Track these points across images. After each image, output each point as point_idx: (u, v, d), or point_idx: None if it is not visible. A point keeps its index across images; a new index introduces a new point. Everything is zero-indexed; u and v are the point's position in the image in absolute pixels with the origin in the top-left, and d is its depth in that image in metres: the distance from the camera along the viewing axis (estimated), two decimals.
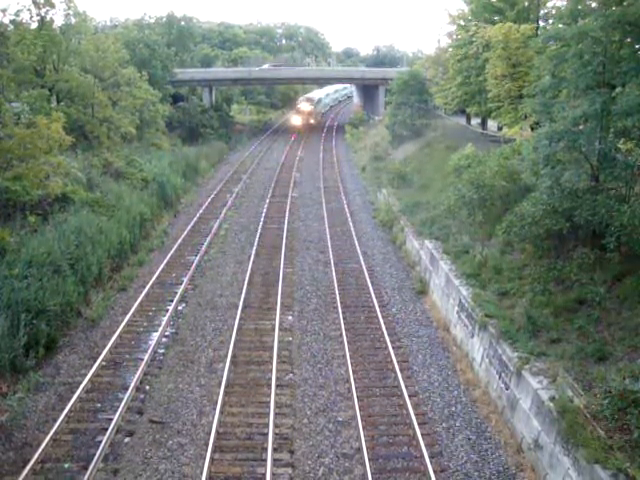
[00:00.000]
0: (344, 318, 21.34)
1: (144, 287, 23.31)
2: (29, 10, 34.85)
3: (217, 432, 14.72)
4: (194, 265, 25.99)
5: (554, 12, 34.04)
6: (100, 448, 13.76)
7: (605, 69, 17.32)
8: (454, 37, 45.38)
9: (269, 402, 15.93)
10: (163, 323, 20.38)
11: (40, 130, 23.55)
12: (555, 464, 12.77)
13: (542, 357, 15.05)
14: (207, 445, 14.13)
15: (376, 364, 18.52)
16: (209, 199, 38.34)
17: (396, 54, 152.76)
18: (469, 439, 14.97)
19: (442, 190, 28.77)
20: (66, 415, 14.97)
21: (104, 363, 17.85)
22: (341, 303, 22.59)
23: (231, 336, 19.62)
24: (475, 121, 49.90)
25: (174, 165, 41.48)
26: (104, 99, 36.83)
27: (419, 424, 15.09)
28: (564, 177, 17.56)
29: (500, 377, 16.10)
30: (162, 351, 18.98)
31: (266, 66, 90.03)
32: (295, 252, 28.87)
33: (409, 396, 16.35)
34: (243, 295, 22.93)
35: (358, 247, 29.28)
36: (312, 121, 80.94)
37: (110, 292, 22.98)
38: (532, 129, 29.21)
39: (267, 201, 38.47)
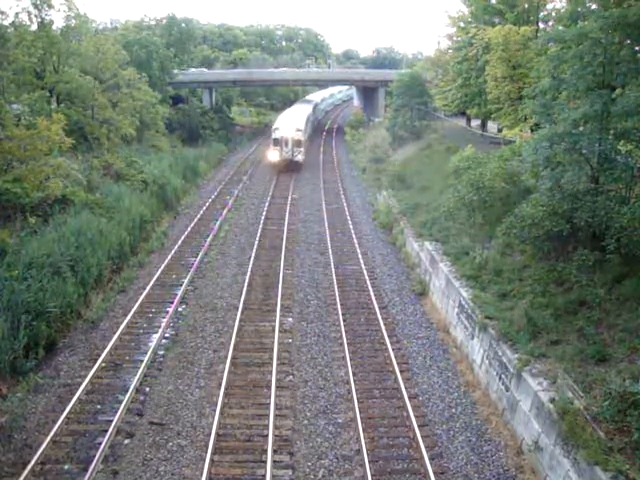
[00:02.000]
0: (344, 320, 21.34)
1: (144, 288, 23.30)
2: (28, 12, 34.89)
3: (217, 434, 14.72)
4: (194, 267, 25.98)
5: (554, 14, 34.15)
6: (100, 450, 13.76)
7: (605, 70, 17.34)
8: (454, 39, 45.48)
9: (269, 404, 15.93)
10: (163, 325, 20.37)
11: (40, 132, 23.58)
12: (555, 466, 12.77)
13: (542, 359, 15.05)
14: (207, 447, 14.13)
15: (376, 366, 18.52)
16: (209, 200, 38.34)
17: (396, 56, 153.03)
18: (469, 441, 14.97)
19: (442, 192, 28.80)
20: (66, 417, 14.96)
21: (104, 364, 17.83)
22: (341, 305, 22.59)
23: (231, 338, 19.61)
24: (475, 123, 49.97)
25: (174, 167, 41.47)
26: (104, 101, 36.86)
27: (419, 426, 15.09)
28: (564, 179, 17.57)
29: (500, 379, 16.09)
30: (162, 353, 18.97)
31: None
32: (295, 254, 28.86)
33: (409, 398, 16.35)
34: (243, 296, 22.92)
35: (358, 248, 29.27)
36: (299, 157, 49.81)
37: (110, 293, 22.98)
38: (532, 131, 29.24)
39: (267, 202, 38.46)
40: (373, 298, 23.15)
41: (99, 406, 15.89)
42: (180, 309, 22.15)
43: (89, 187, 28.81)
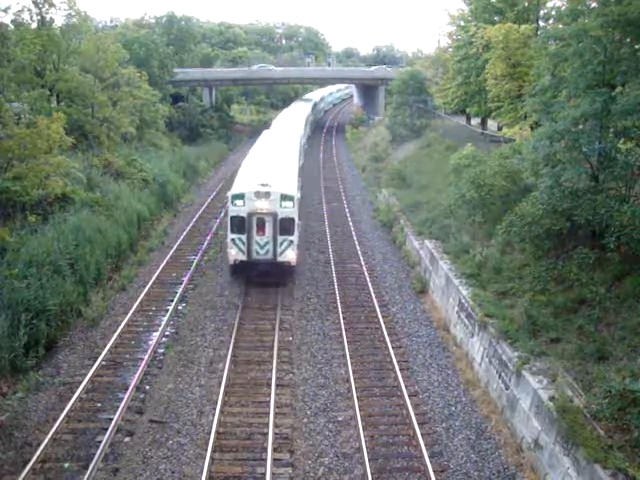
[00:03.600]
0: (344, 318, 21.35)
1: (144, 287, 23.31)
2: (29, 10, 34.93)
3: (217, 432, 14.73)
4: (194, 265, 25.99)
5: (554, 12, 34.11)
6: (100, 448, 13.77)
7: (605, 69, 17.32)
8: (454, 37, 45.44)
9: (269, 402, 15.95)
10: (163, 323, 20.38)
11: (40, 130, 23.54)
12: (555, 464, 12.78)
13: (542, 357, 15.06)
14: (207, 445, 14.14)
15: (376, 364, 18.54)
16: (209, 199, 38.32)
17: (396, 54, 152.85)
18: (469, 439, 14.97)
19: (442, 190, 28.79)
20: (66, 415, 14.97)
21: (104, 363, 17.85)
22: (341, 303, 22.60)
23: (231, 336, 19.63)
24: (475, 121, 49.94)
25: (174, 165, 41.48)
26: (104, 99, 36.84)
27: (419, 424, 15.10)
28: (564, 177, 17.56)
29: (500, 377, 16.10)
30: (162, 351, 18.98)
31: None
32: None
33: (409, 396, 16.36)
34: (243, 295, 22.91)
35: (358, 247, 29.28)
36: (288, 254, 23.32)
37: (110, 292, 22.98)
38: (532, 129, 29.21)
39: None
40: (373, 296, 23.16)
41: (99, 404, 15.91)
42: (180, 307, 22.16)
43: (89, 185, 28.80)
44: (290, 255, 23.27)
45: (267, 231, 23.01)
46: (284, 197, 23.06)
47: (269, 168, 26.15)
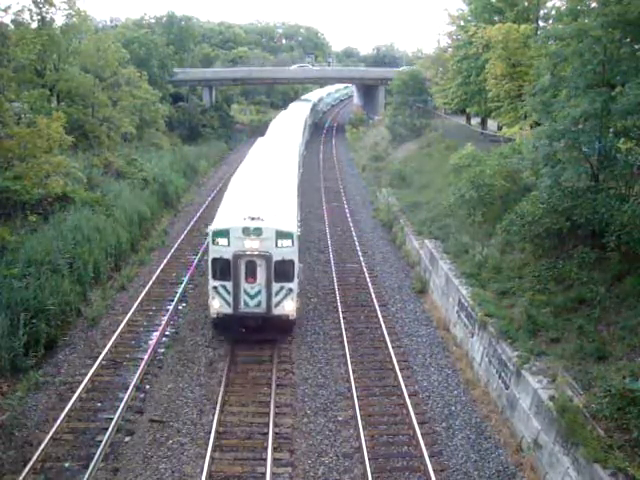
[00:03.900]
0: (344, 317, 21.35)
1: (144, 286, 23.31)
2: (29, 10, 34.96)
3: (217, 431, 14.73)
4: (194, 264, 25.99)
5: (554, 12, 34.14)
6: (100, 447, 13.77)
7: (605, 68, 17.33)
8: (454, 37, 45.50)
9: (269, 401, 15.95)
10: (163, 322, 20.38)
11: (40, 129, 23.56)
12: (555, 463, 12.78)
13: (542, 356, 15.06)
14: (207, 444, 14.14)
15: (376, 363, 18.54)
16: (209, 198, 38.30)
17: (396, 54, 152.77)
18: (469, 438, 14.97)
19: (442, 190, 28.81)
20: (66, 414, 14.98)
21: (104, 362, 17.85)
22: (341, 303, 22.60)
23: None
24: (475, 121, 49.98)
25: (174, 165, 41.50)
26: (104, 99, 36.86)
27: (419, 423, 15.10)
28: (564, 176, 17.57)
29: (500, 376, 16.10)
30: (162, 350, 18.97)
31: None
32: None
33: (409, 395, 16.37)
34: None
35: (358, 247, 29.27)
36: (286, 305, 18.72)
37: (110, 291, 22.96)
38: (532, 128, 29.23)
39: None
40: (373, 296, 23.16)
41: (99, 404, 15.92)
42: (180, 307, 22.16)
43: (89, 185, 28.83)
44: (288, 307, 18.70)
45: (259, 277, 18.41)
46: (281, 234, 18.28)
47: (261, 194, 21.04)
